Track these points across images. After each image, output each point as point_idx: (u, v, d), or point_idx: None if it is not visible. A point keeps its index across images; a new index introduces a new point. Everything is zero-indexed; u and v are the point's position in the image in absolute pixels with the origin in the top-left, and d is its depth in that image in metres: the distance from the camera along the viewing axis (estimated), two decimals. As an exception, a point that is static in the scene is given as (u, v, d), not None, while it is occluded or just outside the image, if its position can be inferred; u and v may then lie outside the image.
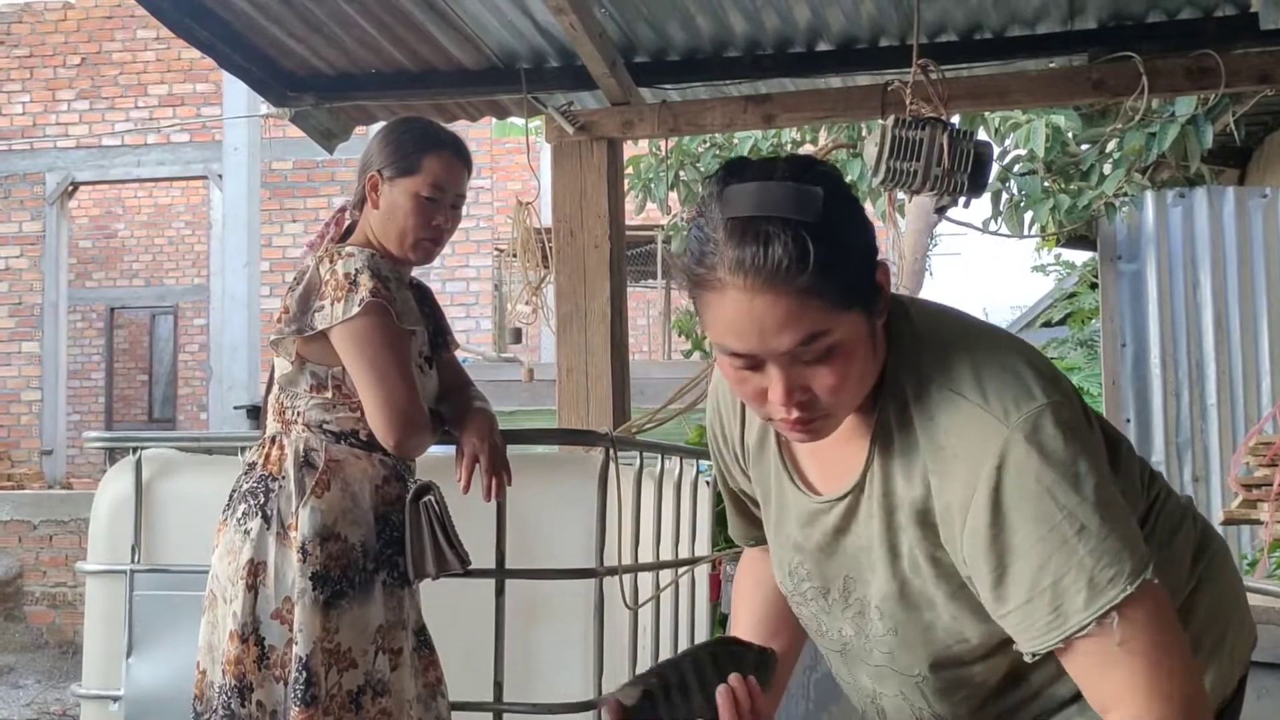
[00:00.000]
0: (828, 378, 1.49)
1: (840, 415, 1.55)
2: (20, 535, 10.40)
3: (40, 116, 15.20)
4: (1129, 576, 1.44)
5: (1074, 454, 1.47)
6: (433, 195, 2.82)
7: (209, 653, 2.75)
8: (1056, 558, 1.45)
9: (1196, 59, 4.37)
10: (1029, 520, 1.46)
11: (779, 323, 1.44)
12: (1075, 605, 1.45)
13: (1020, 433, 1.47)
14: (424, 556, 2.75)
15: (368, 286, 2.68)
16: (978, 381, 1.51)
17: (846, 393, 1.52)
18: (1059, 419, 1.48)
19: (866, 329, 1.50)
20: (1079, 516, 1.44)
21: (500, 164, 15.36)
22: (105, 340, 18.02)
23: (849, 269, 1.46)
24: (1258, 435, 4.82)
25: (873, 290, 1.50)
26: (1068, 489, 1.45)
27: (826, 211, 1.43)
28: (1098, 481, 1.47)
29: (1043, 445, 1.46)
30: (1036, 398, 1.49)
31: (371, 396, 2.69)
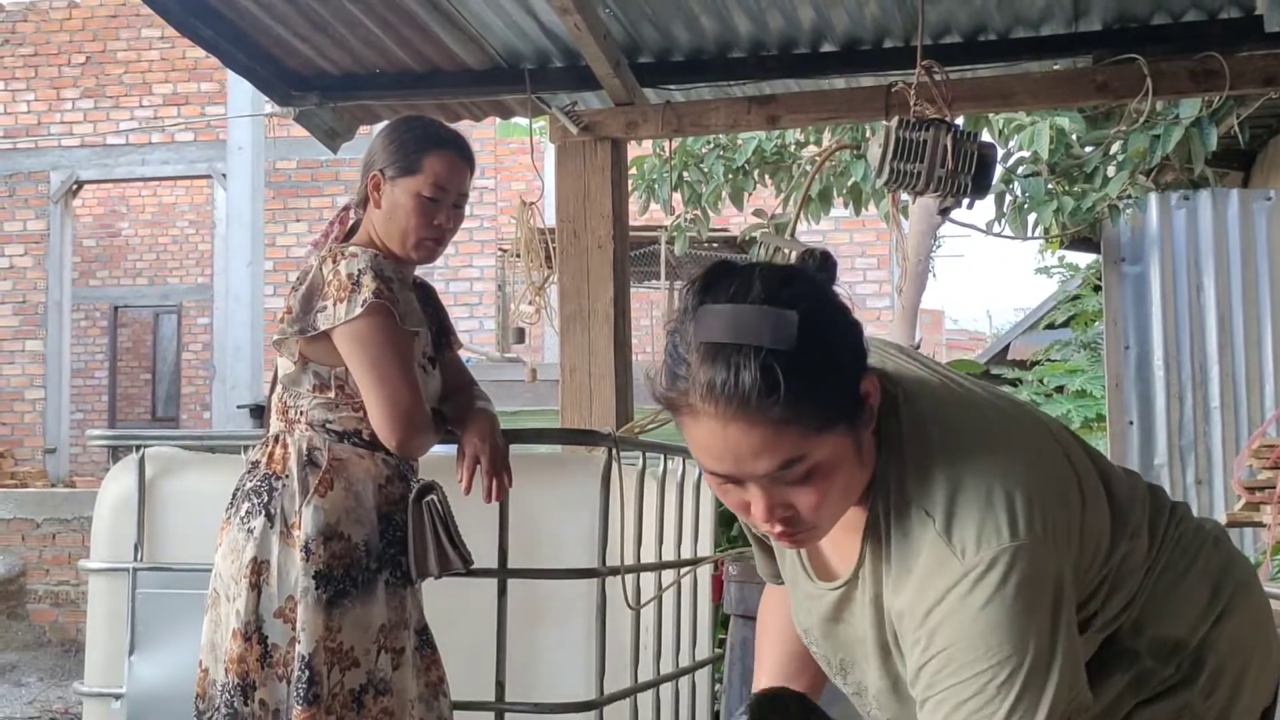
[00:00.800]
0: (809, 496, 1.47)
1: (826, 526, 1.53)
2: (23, 533, 10.41)
3: (45, 115, 15.22)
4: None
5: (1022, 603, 1.42)
6: (434, 195, 2.81)
7: (211, 651, 2.75)
8: (971, 704, 1.42)
9: (1201, 61, 4.37)
10: (953, 662, 1.43)
11: (753, 450, 1.42)
12: None
13: (971, 576, 1.43)
14: (426, 556, 2.75)
15: (370, 287, 2.68)
16: (949, 508, 1.47)
17: (829, 507, 1.50)
18: (1018, 561, 1.42)
19: (850, 443, 1.47)
20: (1007, 668, 1.41)
21: (504, 164, 15.36)
22: (109, 339, 18.04)
23: (827, 392, 1.43)
24: (1261, 438, 4.81)
25: (856, 406, 1.47)
26: (1001, 640, 1.41)
27: (803, 336, 1.40)
28: (1041, 632, 1.42)
29: (988, 591, 1.42)
30: (1002, 538, 1.43)
31: (374, 397, 2.69)
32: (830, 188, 7.77)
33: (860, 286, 14.81)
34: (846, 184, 7.73)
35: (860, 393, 1.48)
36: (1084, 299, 10.31)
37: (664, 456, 3.69)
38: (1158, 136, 6.37)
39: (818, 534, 1.54)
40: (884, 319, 14.20)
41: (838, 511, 1.52)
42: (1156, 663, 1.62)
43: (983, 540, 1.44)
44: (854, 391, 1.47)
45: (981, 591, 1.42)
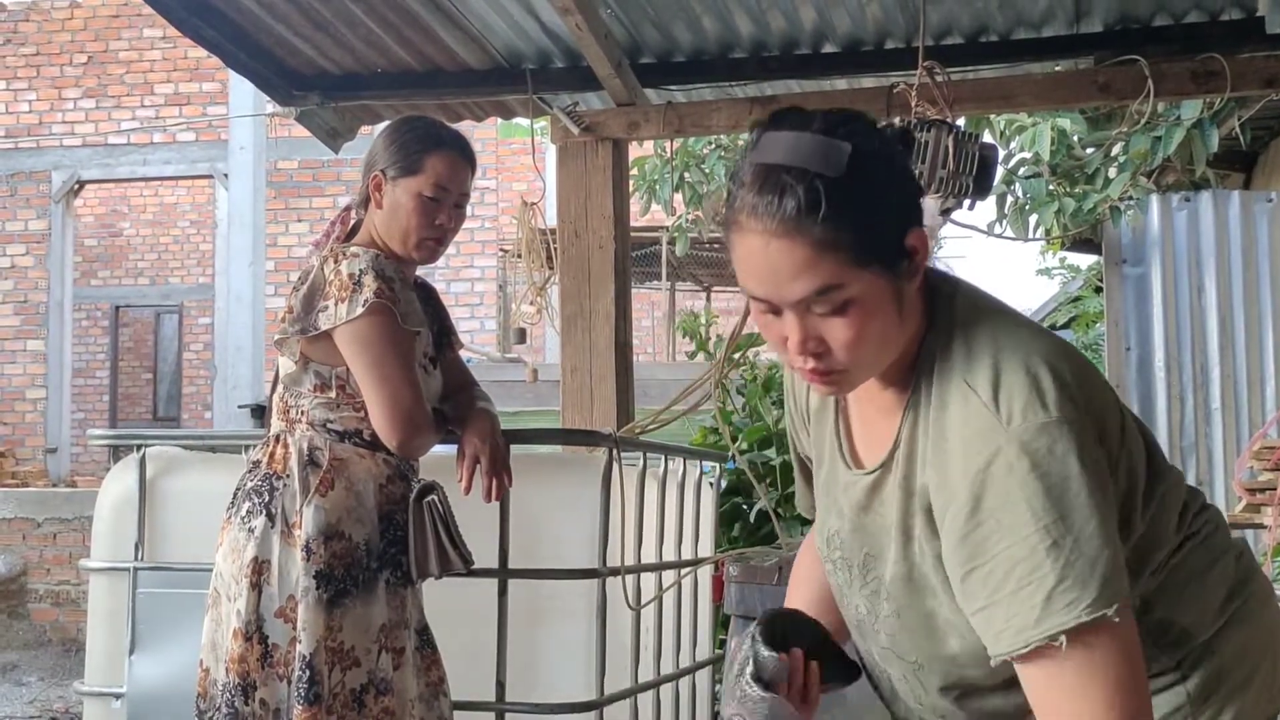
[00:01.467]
0: (842, 332, 1.50)
1: (858, 373, 1.55)
2: (24, 533, 10.41)
3: (46, 115, 15.22)
4: (1089, 606, 1.41)
5: (1066, 473, 1.44)
6: (435, 194, 2.81)
7: (212, 650, 2.75)
8: (1020, 569, 1.43)
9: (1203, 62, 4.37)
10: (1002, 526, 1.45)
11: (792, 271, 1.46)
12: (1026, 621, 1.43)
13: (1016, 440, 1.45)
14: (427, 556, 2.75)
15: (372, 287, 2.68)
16: (993, 380, 1.50)
17: (862, 351, 1.52)
18: (1061, 436, 1.45)
19: (890, 291, 1.50)
20: (1053, 534, 1.42)
21: (505, 164, 15.37)
22: (110, 339, 18.04)
23: (871, 227, 1.47)
24: (1262, 439, 4.82)
25: (899, 251, 1.50)
26: (1049, 505, 1.43)
27: (852, 167, 1.45)
28: (1086, 505, 1.43)
29: (1035, 457, 1.44)
30: (1048, 410, 1.46)
31: (375, 397, 2.69)
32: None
33: (861, 287, 14.81)
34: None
35: (906, 243, 1.51)
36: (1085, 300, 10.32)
37: (665, 457, 3.69)
38: (1159, 138, 6.37)
39: (849, 379, 1.56)
40: (885, 320, 14.18)
41: (870, 360, 1.54)
42: (1157, 649, 1.60)
43: (1029, 411, 1.46)
44: (899, 236, 1.51)
45: (1030, 458, 1.44)
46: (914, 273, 1.53)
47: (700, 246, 10.85)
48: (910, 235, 1.51)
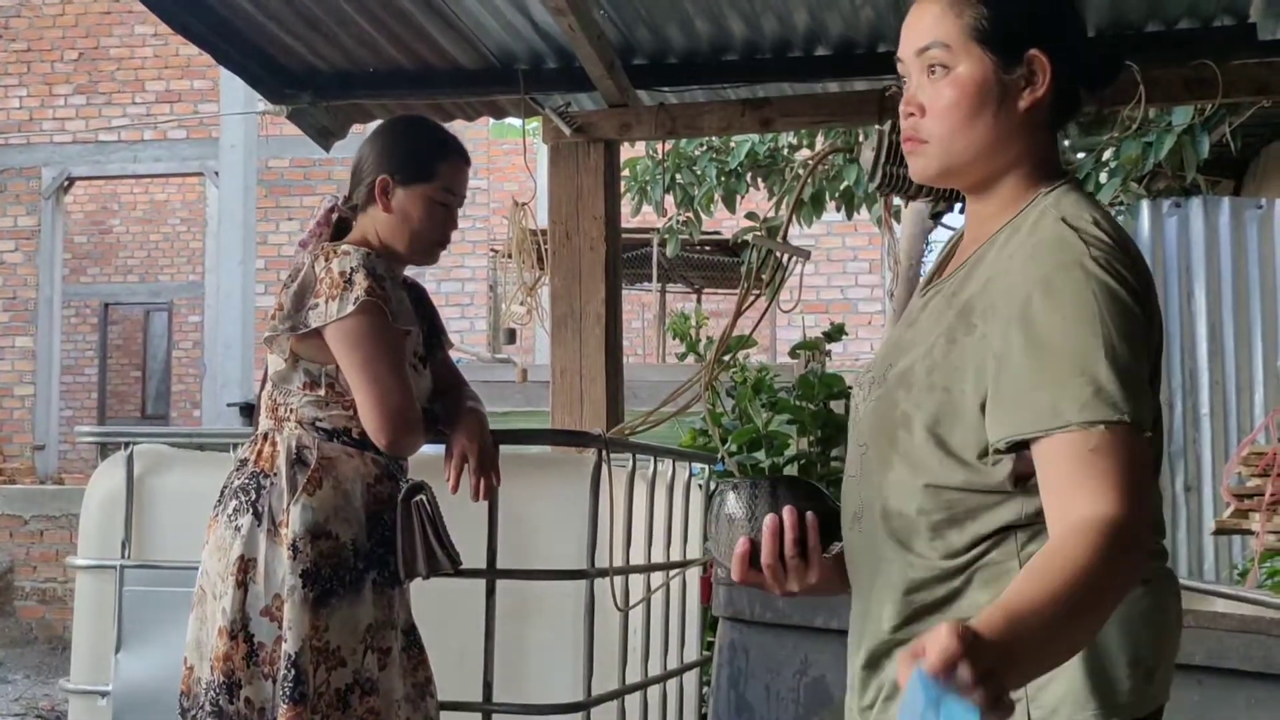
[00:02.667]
0: (939, 98, 1.67)
1: (939, 149, 1.69)
2: (11, 530, 10.39)
3: (37, 111, 15.20)
4: (1131, 412, 1.50)
5: (1133, 300, 1.55)
6: (445, 200, 2.86)
7: (196, 649, 2.75)
8: (1079, 359, 1.52)
9: (1194, 69, 4.38)
10: (1071, 318, 1.53)
11: (922, 23, 1.69)
12: (1075, 404, 1.51)
13: (1094, 259, 1.56)
14: (415, 556, 2.75)
15: (363, 285, 2.68)
16: (1088, 228, 1.60)
17: (950, 121, 1.67)
18: (1138, 284, 1.57)
19: (992, 84, 1.65)
20: (1114, 339, 1.52)
21: (497, 165, 15.36)
22: (99, 336, 18.01)
23: (999, 11, 1.66)
24: (1250, 445, 4.82)
25: (1015, 54, 1.65)
26: (1117, 313, 1.53)
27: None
28: (1142, 340, 1.55)
29: (1110, 274, 1.55)
30: (1131, 260, 1.59)
31: (365, 396, 2.69)
32: (823, 191, 7.78)
33: (852, 290, 14.83)
34: (839, 188, 7.74)
35: (1027, 52, 1.66)
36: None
37: (654, 459, 3.69)
38: (1150, 144, 6.39)
39: (929, 153, 1.70)
40: (875, 323, 14.22)
41: (951, 138, 1.68)
42: None
43: (1112, 254, 1.58)
44: (1022, 41, 1.66)
45: (1111, 274, 1.55)
46: (1023, 87, 1.67)
47: (691, 248, 10.83)
48: (1034, 50, 1.65)
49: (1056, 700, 1.59)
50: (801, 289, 4.53)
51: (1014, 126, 1.67)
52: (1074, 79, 1.71)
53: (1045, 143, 1.72)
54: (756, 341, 5.98)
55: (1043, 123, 1.70)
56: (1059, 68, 1.67)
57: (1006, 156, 1.69)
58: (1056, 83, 1.67)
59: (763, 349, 12.88)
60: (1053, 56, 1.66)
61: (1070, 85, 1.70)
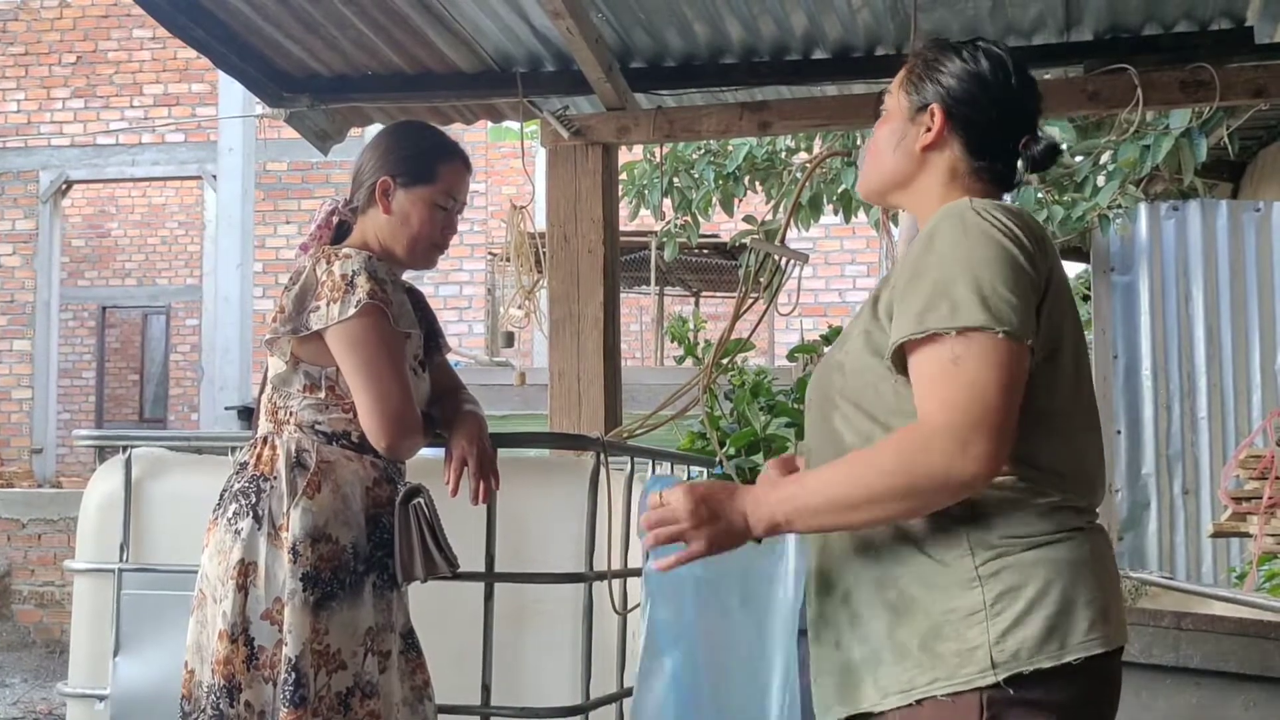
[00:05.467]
0: (872, 139, 2.14)
1: (864, 174, 2.15)
2: (9, 534, 10.39)
3: (35, 114, 15.19)
4: (989, 322, 1.72)
5: (1009, 241, 1.80)
6: (445, 204, 2.87)
7: (197, 652, 2.74)
8: (945, 282, 1.77)
9: (1192, 72, 4.38)
10: (941, 255, 1.81)
11: None
12: (937, 314, 1.75)
13: (973, 210, 1.85)
14: (413, 559, 2.75)
15: (365, 288, 2.68)
16: (974, 201, 1.89)
17: (869, 152, 2.14)
18: (1013, 229, 1.82)
19: (902, 118, 2.08)
20: (985, 264, 1.77)
21: (495, 168, 15.36)
22: (97, 339, 17.99)
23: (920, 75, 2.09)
24: (1248, 448, 4.82)
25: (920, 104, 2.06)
26: (992, 245, 1.79)
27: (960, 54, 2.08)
28: (1012, 265, 1.77)
29: (985, 220, 1.82)
30: (1006, 219, 1.84)
31: (365, 398, 2.69)
32: (821, 195, 7.77)
33: (850, 294, 14.83)
34: (837, 191, 7.74)
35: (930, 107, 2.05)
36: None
37: (652, 462, 3.68)
38: (1148, 147, 6.39)
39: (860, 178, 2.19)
40: (873, 326, 14.18)
41: (870, 161, 2.14)
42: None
43: (994, 212, 1.85)
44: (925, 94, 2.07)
45: (981, 220, 1.83)
46: (917, 130, 2.04)
47: (689, 252, 10.83)
48: (932, 106, 2.04)
49: (1017, 644, 1.74)
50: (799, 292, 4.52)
51: (911, 159, 2.05)
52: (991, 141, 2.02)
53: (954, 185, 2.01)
54: (755, 345, 5.97)
55: (949, 166, 2.02)
56: (960, 124, 2.02)
57: (910, 186, 2.07)
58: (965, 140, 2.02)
59: (761, 352, 12.89)
60: (952, 117, 2.03)
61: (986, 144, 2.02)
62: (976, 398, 1.70)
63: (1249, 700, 2.78)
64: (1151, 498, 7.19)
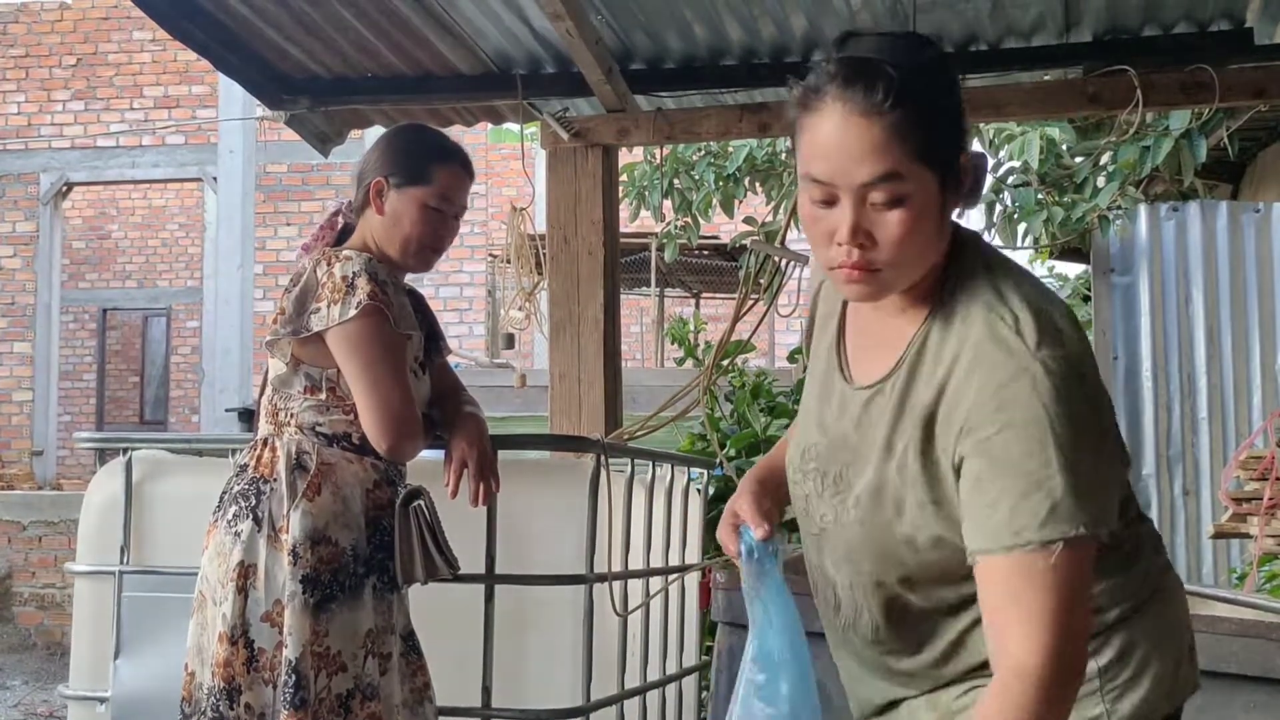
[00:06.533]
0: (894, 227, 1.58)
1: (894, 275, 1.63)
2: (10, 536, 10.39)
3: (35, 116, 15.19)
4: (1088, 524, 1.53)
5: (1085, 402, 1.56)
6: (440, 205, 2.84)
7: (197, 655, 2.75)
8: (1035, 476, 1.53)
9: (1191, 73, 4.38)
10: (1023, 437, 1.54)
11: (863, 151, 1.55)
12: (1031, 522, 1.53)
13: (1041, 365, 1.56)
14: (413, 561, 2.75)
15: (365, 290, 2.68)
16: (1020, 315, 1.60)
17: (907, 250, 1.60)
18: (1079, 369, 1.58)
19: (938, 199, 1.60)
20: (1068, 452, 1.53)
21: (495, 170, 15.37)
22: (97, 341, 17.99)
23: (938, 128, 1.59)
24: (1248, 449, 4.82)
25: (954, 163, 1.62)
26: (1069, 425, 1.54)
27: (933, 70, 1.61)
28: (1100, 435, 1.57)
29: (1058, 381, 1.55)
30: (1066, 348, 1.58)
31: (366, 400, 2.69)
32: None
33: (850, 295, 14.82)
34: (837, 192, 7.72)
35: (960, 159, 1.63)
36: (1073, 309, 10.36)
37: (652, 463, 3.68)
38: (1148, 148, 6.39)
39: (884, 281, 1.63)
40: (873, 328, 14.18)
41: (910, 262, 1.62)
42: None
43: (1052, 344, 1.58)
44: (956, 147, 1.63)
45: (1054, 381, 1.56)
46: (959, 191, 1.64)
47: (689, 253, 10.84)
48: (964, 153, 1.64)
49: (1132, 708, 1.71)
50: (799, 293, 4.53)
51: (944, 232, 1.67)
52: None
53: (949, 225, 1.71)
54: (755, 346, 5.98)
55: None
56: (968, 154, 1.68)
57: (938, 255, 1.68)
58: None
59: (761, 354, 12.88)
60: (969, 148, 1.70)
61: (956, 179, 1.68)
62: (1064, 627, 1.55)
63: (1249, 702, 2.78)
64: (1152, 499, 7.20)
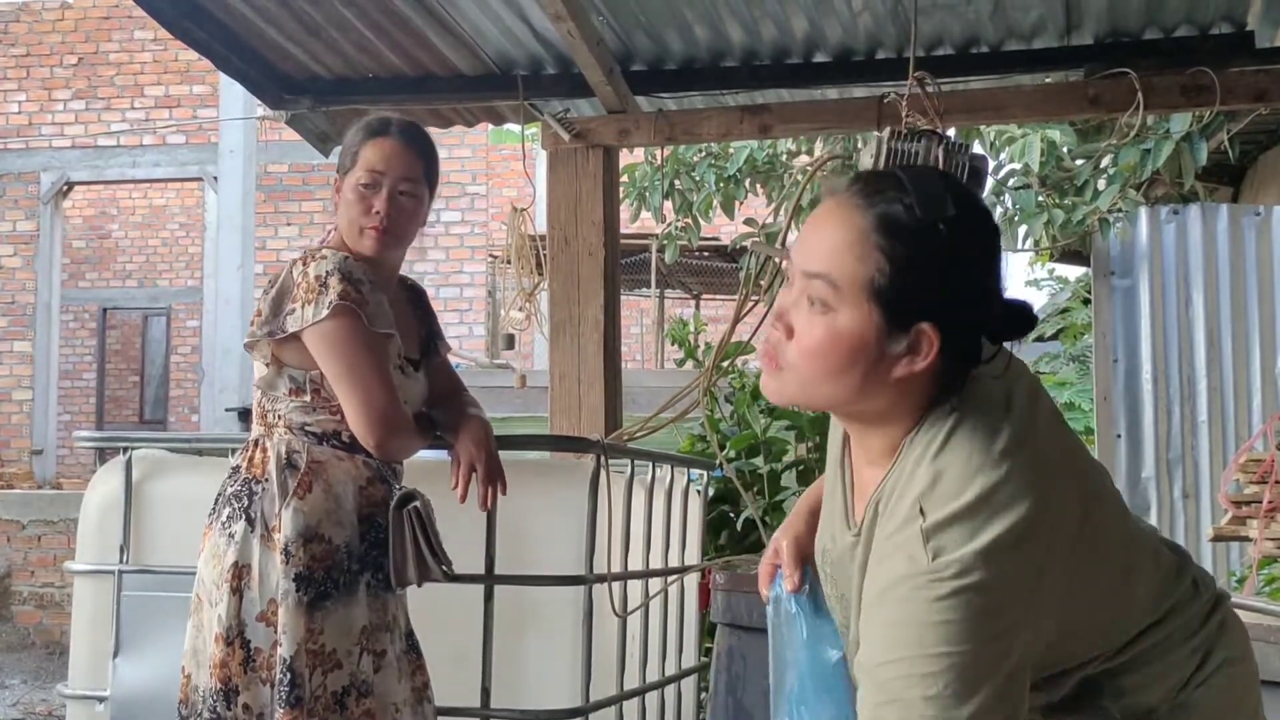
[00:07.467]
0: (805, 331, 1.52)
1: (792, 381, 1.55)
2: (9, 535, 10.38)
3: (36, 116, 15.19)
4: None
5: (968, 623, 1.43)
6: (369, 180, 2.78)
7: (194, 657, 2.74)
8: (905, 685, 1.44)
9: (1192, 76, 4.38)
10: (889, 643, 1.46)
11: (821, 244, 1.52)
12: None
13: (928, 576, 1.45)
14: (405, 564, 2.73)
15: (336, 289, 2.67)
16: (941, 505, 1.47)
17: (808, 365, 1.53)
18: (974, 581, 1.43)
19: (868, 346, 1.49)
20: (927, 666, 1.42)
21: (495, 170, 15.36)
22: (98, 341, 17.98)
23: (903, 278, 1.48)
24: (1248, 452, 4.82)
25: (903, 322, 1.49)
26: (927, 638, 1.43)
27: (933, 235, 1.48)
28: (973, 646, 1.43)
29: (942, 595, 1.43)
30: (974, 562, 1.44)
31: (349, 400, 2.68)
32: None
33: (850, 297, 14.82)
34: (837, 194, 7.71)
35: (915, 326, 1.49)
36: (1073, 312, 10.34)
37: (652, 464, 3.69)
38: (1148, 151, 6.39)
39: (783, 381, 1.56)
40: (874, 329, 14.17)
41: (807, 382, 1.54)
42: None
43: (959, 542, 1.44)
44: (912, 309, 1.49)
45: (934, 591, 1.44)
46: (901, 355, 1.50)
47: (689, 254, 10.83)
48: (922, 326, 1.49)
49: None
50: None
51: (882, 387, 1.53)
52: (971, 342, 1.54)
53: (922, 395, 1.55)
54: (755, 347, 5.97)
55: (921, 388, 1.54)
56: (951, 341, 1.51)
57: (867, 410, 1.57)
58: (946, 354, 1.51)
59: (761, 355, 12.85)
60: (947, 330, 1.50)
61: (969, 345, 1.54)
62: None
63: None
64: (1151, 501, 7.19)
